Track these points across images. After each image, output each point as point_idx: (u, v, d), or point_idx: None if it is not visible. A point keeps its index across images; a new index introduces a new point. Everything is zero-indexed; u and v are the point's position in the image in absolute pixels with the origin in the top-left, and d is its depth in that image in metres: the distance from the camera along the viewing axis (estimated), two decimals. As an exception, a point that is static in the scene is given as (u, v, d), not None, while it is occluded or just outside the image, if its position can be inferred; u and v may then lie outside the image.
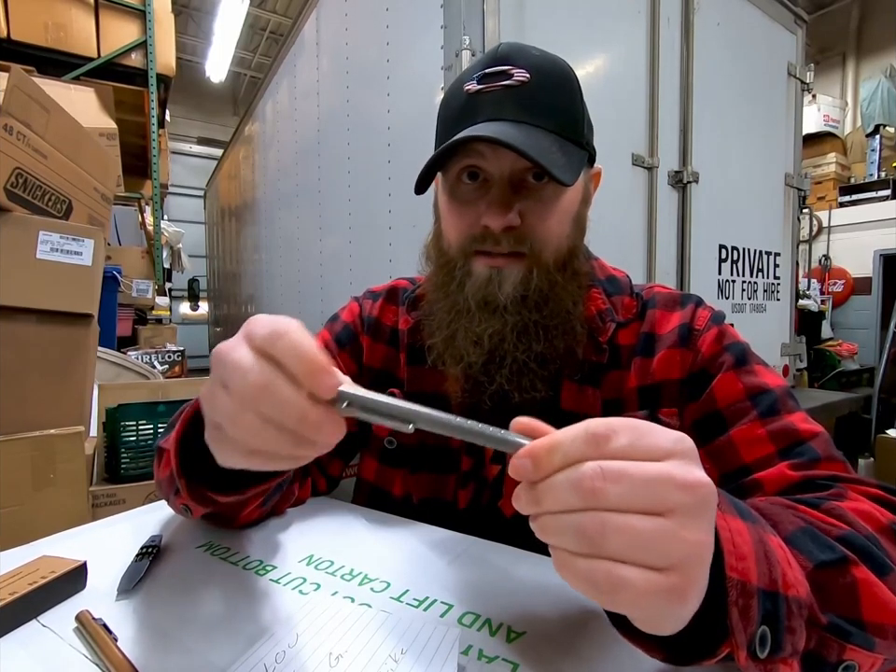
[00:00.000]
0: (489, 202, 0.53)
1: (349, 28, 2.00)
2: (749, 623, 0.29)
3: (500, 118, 0.51)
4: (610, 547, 0.26)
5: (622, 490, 0.26)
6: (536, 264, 0.53)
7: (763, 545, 0.31)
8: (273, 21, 8.85)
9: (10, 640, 0.38)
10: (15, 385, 1.14)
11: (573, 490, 0.26)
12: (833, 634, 0.31)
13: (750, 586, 0.29)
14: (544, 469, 0.27)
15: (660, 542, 0.25)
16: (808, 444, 0.48)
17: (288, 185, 2.92)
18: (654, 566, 0.25)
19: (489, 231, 0.53)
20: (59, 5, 2.78)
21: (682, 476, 0.26)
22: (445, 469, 0.63)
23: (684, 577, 0.26)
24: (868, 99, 5.80)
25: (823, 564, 0.33)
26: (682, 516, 0.26)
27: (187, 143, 9.09)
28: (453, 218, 0.57)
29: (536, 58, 0.54)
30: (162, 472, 0.53)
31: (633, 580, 0.25)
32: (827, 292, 5.16)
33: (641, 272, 1.73)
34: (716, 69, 1.89)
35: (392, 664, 0.34)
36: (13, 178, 1.17)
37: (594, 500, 0.26)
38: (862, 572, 0.34)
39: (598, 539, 0.26)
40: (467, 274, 0.55)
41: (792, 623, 0.30)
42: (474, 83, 0.53)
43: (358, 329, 0.70)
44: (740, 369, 0.54)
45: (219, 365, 0.31)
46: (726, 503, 0.32)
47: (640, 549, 0.25)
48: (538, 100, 0.52)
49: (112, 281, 2.16)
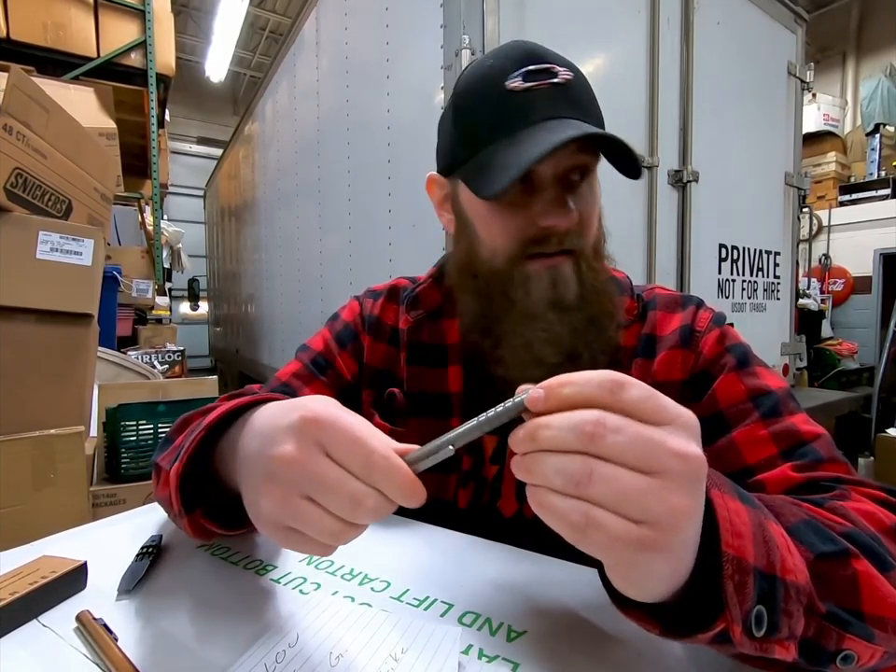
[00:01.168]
0: (549, 201, 0.52)
1: (349, 28, 2.00)
2: (744, 600, 0.29)
3: (558, 115, 0.51)
4: (594, 492, 0.27)
5: (618, 441, 0.27)
6: (582, 258, 0.54)
7: (763, 530, 0.31)
8: (272, 21, 8.85)
9: (10, 640, 0.38)
10: (15, 385, 1.14)
11: (572, 430, 0.27)
12: (831, 622, 0.32)
13: (746, 563, 0.30)
14: (555, 398, 0.29)
15: (642, 498, 0.27)
16: (811, 446, 0.48)
17: (288, 184, 2.92)
18: (632, 517, 0.27)
19: (552, 230, 0.52)
20: (58, 4, 2.78)
21: (677, 444, 0.27)
22: (445, 469, 0.63)
23: (659, 534, 0.27)
24: (868, 98, 5.80)
25: (824, 555, 0.33)
26: (669, 480, 0.27)
27: (186, 143, 9.10)
28: (499, 223, 0.54)
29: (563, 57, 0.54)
30: (161, 491, 0.51)
31: (608, 523, 0.27)
32: (827, 291, 5.16)
33: (641, 271, 1.73)
34: (716, 69, 1.89)
35: (392, 663, 0.34)
36: (13, 178, 1.17)
37: (590, 445, 0.27)
38: (863, 565, 0.34)
39: (584, 482, 0.27)
40: (527, 278, 0.53)
41: (789, 606, 0.30)
42: (519, 80, 0.51)
43: (359, 327, 0.70)
44: (742, 370, 0.54)
45: (299, 475, 0.32)
46: (727, 486, 0.33)
47: (622, 500, 0.27)
48: (583, 98, 0.53)
49: (112, 281, 2.16)
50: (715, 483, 0.32)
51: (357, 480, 0.31)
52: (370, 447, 0.31)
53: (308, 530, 0.32)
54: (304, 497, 0.31)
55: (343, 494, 0.31)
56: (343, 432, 0.32)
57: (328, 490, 0.31)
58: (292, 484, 0.32)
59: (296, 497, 0.32)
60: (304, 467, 0.31)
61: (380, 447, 0.32)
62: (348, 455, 0.32)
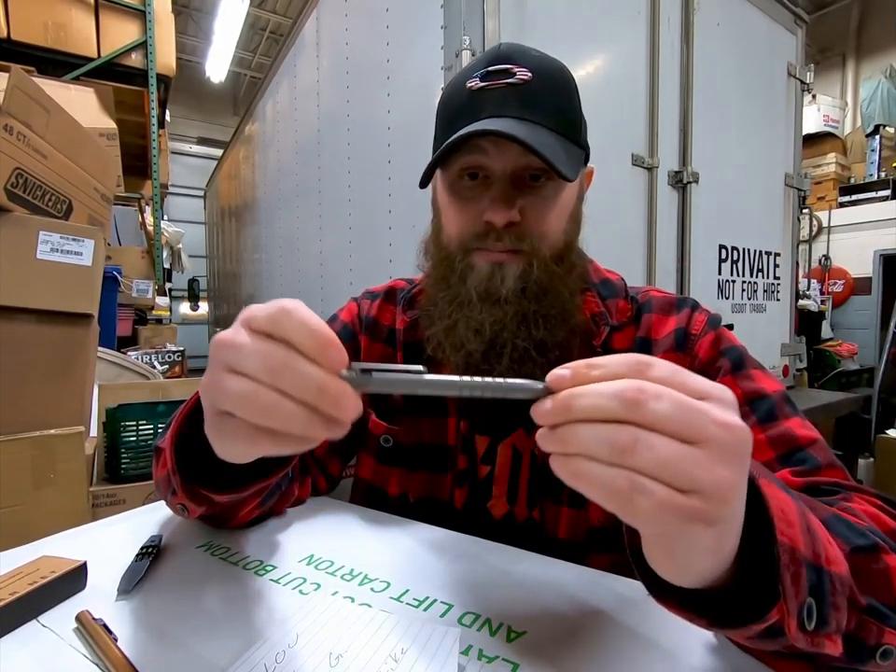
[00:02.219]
0: (491, 197, 0.54)
1: (349, 28, 2.00)
2: (799, 591, 0.28)
3: (503, 114, 0.52)
4: (639, 460, 0.25)
5: (661, 408, 0.25)
6: (535, 258, 0.54)
7: (807, 520, 0.31)
8: (272, 21, 8.84)
9: (10, 640, 0.38)
10: (15, 385, 1.14)
11: (613, 398, 0.26)
12: (872, 616, 0.31)
13: (799, 553, 0.29)
14: (582, 377, 0.27)
15: (690, 467, 0.25)
16: (808, 451, 0.48)
17: (288, 185, 2.92)
18: (680, 487, 0.25)
19: (491, 226, 0.53)
20: (59, 5, 2.78)
21: (721, 414, 0.26)
22: (442, 468, 0.63)
23: (709, 504, 0.25)
24: (868, 99, 5.79)
25: (858, 548, 0.33)
26: (717, 450, 0.25)
27: (187, 143, 9.09)
28: (453, 214, 0.57)
29: (536, 58, 0.55)
30: (160, 472, 0.53)
31: (656, 490, 0.25)
32: (827, 292, 5.15)
33: (641, 272, 1.73)
34: (716, 69, 1.89)
35: (392, 663, 0.34)
36: (13, 178, 1.17)
37: (633, 412, 0.25)
38: (894, 560, 0.34)
39: (629, 450, 0.25)
40: (468, 268, 0.55)
41: (836, 598, 0.30)
42: (477, 80, 0.54)
43: (357, 328, 0.70)
44: (737, 374, 0.55)
45: (224, 350, 0.30)
46: (771, 476, 0.32)
47: (669, 469, 0.25)
48: (539, 98, 0.53)
49: (112, 281, 2.16)
50: (761, 472, 0.32)
51: (277, 344, 0.29)
52: (302, 317, 0.29)
53: (234, 404, 0.29)
54: (229, 370, 0.29)
55: (258, 355, 0.29)
56: (277, 309, 0.30)
57: (247, 355, 0.29)
58: (218, 361, 0.30)
59: (221, 370, 0.30)
60: (233, 340, 0.30)
61: (322, 325, 0.29)
62: (271, 321, 0.29)
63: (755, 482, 0.30)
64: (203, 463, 0.44)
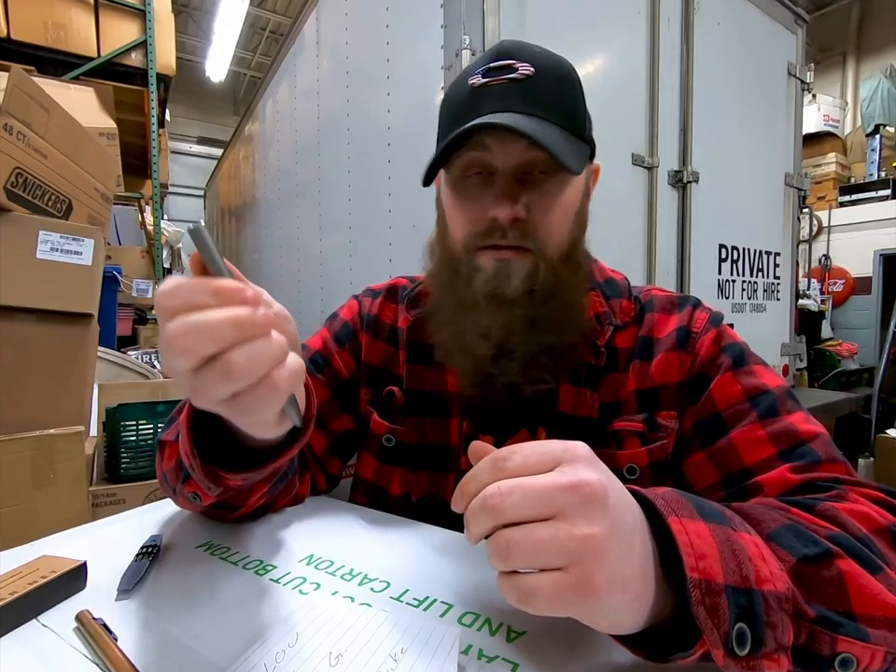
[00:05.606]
0: (496, 194, 0.53)
1: (349, 28, 2.00)
2: (720, 622, 0.29)
3: (506, 109, 0.51)
4: (517, 560, 0.28)
5: (515, 501, 0.29)
6: (541, 259, 0.54)
7: (731, 544, 0.31)
8: (273, 21, 8.85)
9: (10, 640, 0.37)
10: (15, 384, 1.14)
11: (482, 511, 0.30)
12: (822, 626, 0.31)
13: (716, 584, 0.29)
14: (467, 497, 0.31)
15: (554, 543, 0.28)
16: (809, 446, 0.48)
17: (288, 184, 2.92)
18: (555, 566, 0.28)
19: (496, 223, 0.53)
20: (59, 4, 2.78)
21: (567, 479, 0.29)
22: (444, 469, 0.63)
23: (582, 570, 0.28)
24: (868, 99, 5.79)
25: (806, 557, 0.33)
26: (570, 515, 0.28)
27: (187, 143, 9.10)
28: (458, 213, 0.57)
29: (538, 54, 0.54)
30: (167, 463, 0.53)
31: (540, 585, 0.28)
32: (827, 292, 5.15)
33: (641, 271, 1.73)
34: (716, 69, 1.89)
35: (392, 663, 0.34)
36: (13, 178, 1.17)
37: (497, 516, 0.29)
38: (848, 565, 0.33)
39: (506, 555, 0.28)
40: (474, 269, 0.54)
41: (772, 617, 0.30)
42: (479, 77, 0.53)
43: (358, 326, 0.70)
44: (738, 370, 0.54)
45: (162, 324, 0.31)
46: (687, 507, 0.33)
47: (540, 555, 0.28)
48: (542, 93, 0.52)
49: (112, 281, 2.16)
50: (671, 508, 0.32)
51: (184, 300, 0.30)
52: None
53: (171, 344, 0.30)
54: (172, 315, 0.30)
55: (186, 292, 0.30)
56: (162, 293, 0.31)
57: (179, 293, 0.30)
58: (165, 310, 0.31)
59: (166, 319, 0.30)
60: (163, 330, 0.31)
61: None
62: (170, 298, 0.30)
63: (664, 520, 0.31)
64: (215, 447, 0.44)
